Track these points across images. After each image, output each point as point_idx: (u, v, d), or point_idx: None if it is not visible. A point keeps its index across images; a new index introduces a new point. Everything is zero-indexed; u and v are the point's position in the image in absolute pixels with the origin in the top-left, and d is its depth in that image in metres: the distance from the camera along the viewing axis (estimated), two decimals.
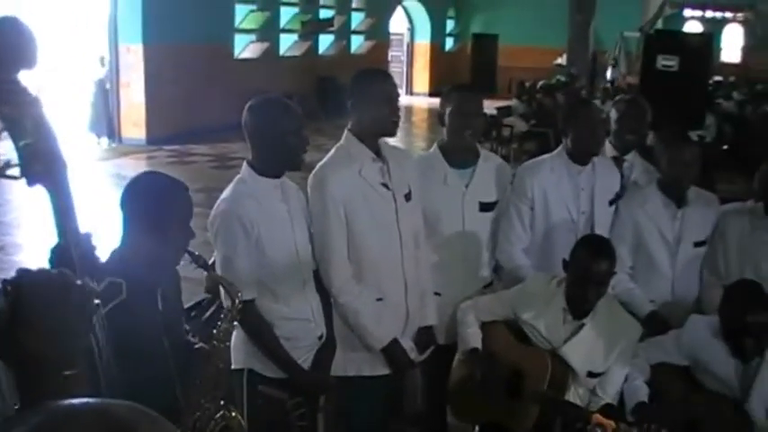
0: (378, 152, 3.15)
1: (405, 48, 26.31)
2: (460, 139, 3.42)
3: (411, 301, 3.24)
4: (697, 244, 3.56)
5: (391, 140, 3.25)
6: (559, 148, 3.62)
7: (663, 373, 3.16)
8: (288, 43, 18.53)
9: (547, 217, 3.53)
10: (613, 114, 3.88)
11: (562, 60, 22.29)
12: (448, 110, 3.41)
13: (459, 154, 3.48)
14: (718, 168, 10.57)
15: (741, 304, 2.85)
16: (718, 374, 2.98)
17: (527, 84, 16.23)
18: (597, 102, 4.08)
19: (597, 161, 3.56)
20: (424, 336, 3.34)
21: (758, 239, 3.44)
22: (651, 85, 7.11)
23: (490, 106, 15.72)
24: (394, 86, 3.13)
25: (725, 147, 11.45)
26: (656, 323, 3.42)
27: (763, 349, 2.87)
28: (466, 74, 23.48)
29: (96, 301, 1.32)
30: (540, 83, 16.68)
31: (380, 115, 3.05)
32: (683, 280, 3.56)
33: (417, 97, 24.54)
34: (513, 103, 14.12)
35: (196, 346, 2.44)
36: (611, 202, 3.62)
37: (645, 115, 3.95)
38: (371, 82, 3.10)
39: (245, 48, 16.79)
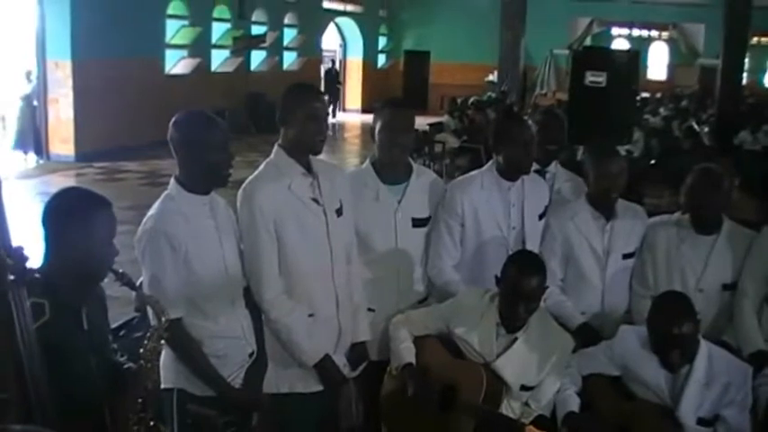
0: (308, 167, 3.13)
1: (338, 65, 26.36)
2: (391, 155, 3.42)
3: (343, 316, 3.22)
4: (626, 256, 3.63)
5: (323, 156, 3.24)
6: (489, 164, 3.65)
7: (594, 384, 3.20)
8: (220, 59, 18.36)
9: (478, 233, 3.56)
10: (532, 128, 3.92)
11: (493, 77, 22.60)
12: (379, 125, 3.41)
13: (391, 170, 3.48)
14: (645, 182, 10.89)
15: (668, 316, 2.89)
16: (649, 384, 3.03)
17: (458, 100, 16.41)
18: (527, 117, 4.18)
19: (527, 177, 3.60)
20: (357, 352, 3.32)
21: (685, 251, 3.52)
22: (580, 101, 7.24)
23: (422, 122, 15.91)
24: (322, 104, 3.12)
25: (652, 161, 11.79)
26: (587, 334, 3.47)
27: (691, 358, 2.93)
28: (398, 90, 23.68)
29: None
30: (472, 99, 16.91)
31: (307, 132, 3.04)
32: (613, 291, 3.63)
33: (350, 114, 24.58)
34: (444, 119, 14.26)
35: (125, 366, 2.40)
36: (540, 216, 3.67)
37: (562, 125, 4.07)
38: (299, 98, 3.08)
39: (177, 63, 16.56)
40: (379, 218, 3.45)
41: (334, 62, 23.46)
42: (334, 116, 22.23)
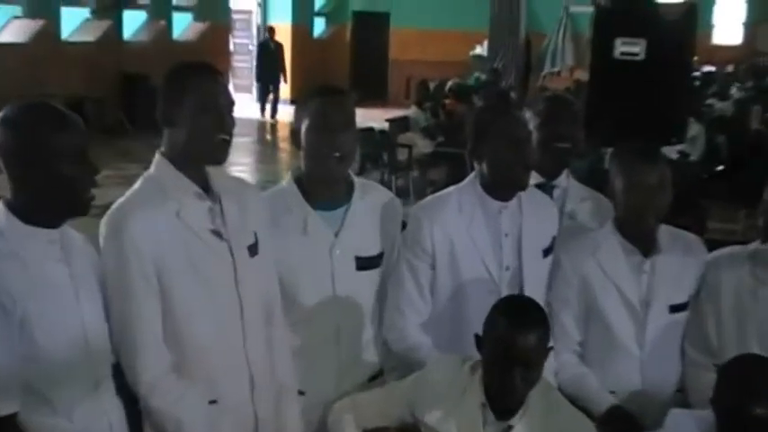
0: (206, 186, 3.17)
1: (255, 33, 26.42)
2: (323, 167, 3.47)
3: (261, 403, 3.25)
4: (674, 308, 3.73)
5: (235, 169, 3.28)
6: (470, 177, 3.74)
7: None
8: (75, 22, 18.29)
9: (455, 277, 3.64)
10: (531, 122, 3.99)
11: (482, 50, 22.91)
12: (305, 125, 3.48)
13: (323, 188, 3.54)
14: (709, 198, 11.09)
15: (745, 388, 2.94)
16: None
17: (432, 84, 16.57)
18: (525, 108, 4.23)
19: (524, 194, 3.70)
20: None
21: (765, 299, 3.59)
22: (606, 82, 7.25)
23: (379, 117, 16.03)
24: (223, 88, 3.17)
25: (719, 167, 12.01)
26: (619, 422, 3.55)
27: None
28: (344, 69, 23.82)
29: None
30: (451, 83, 17.09)
31: (200, 132, 3.08)
32: (657, 360, 3.72)
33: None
34: (411, 112, 14.39)
35: None
36: (546, 252, 3.77)
37: (576, 117, 4.21)
38: (188, 83, 3.12)
39: (5, 26, 16.41)
40: (308, 258, 3.50)
41: (271, 30, 23.27)
42: (273, 115, 22.16)
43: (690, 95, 8.99)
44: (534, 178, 3.94)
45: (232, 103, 3.17)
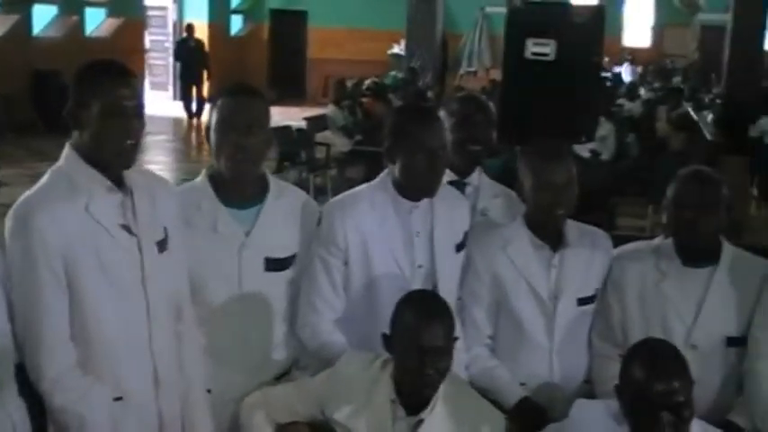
0: (118, 180, 3.15)
1: (171, 30, 26.18)
2: (234, 165, 3.46)
3: (166, 401, 3.23)
4: (582, 301, 3.80)
5: (151, 167, 3.26)
6: (382, 175, 3.75)
7: None
8: None
9: (368, 274, 3.66)
10: (446, 122, 4.02)
11: (400, 49, 22.99)
12: (214, 123, 3.47)
13: (236, 187, 3.53)
14: (618, 195, 11.28)
15: (647, 367, 3.00)
16: None
17: (349, 83, 16.60)
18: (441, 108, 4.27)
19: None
20: None
21: (669, 291, 3.68)
22: (518, 82, 7.34)
23: (297, 116, 16.01)
24: (131, 91, 3.12)
25: (629, 166, 12.22)
26: (529, 413, 3.61)
27: None
28: (262, 69, 23.71)
29: None
30: (368, 81, 17.12)
31: (106, 136, 3.05)
32: (566, 352, 3.79)
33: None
34: (329, 110, 14.39)
35: None
36: (458, 248, 3.81)
37: (489, 118, 4.25)
38: (96, 84, 3.08)
39: None
40: (216, 256, 3.49)
41: (190, 28, 22.91)
42: (198, 114, 21.70)
43: (599, 95, 9.11)
44: (447, 176, 3.97)
45: (141, 105, 3.13)
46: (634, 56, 27.64)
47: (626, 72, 25.60)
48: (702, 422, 3.15)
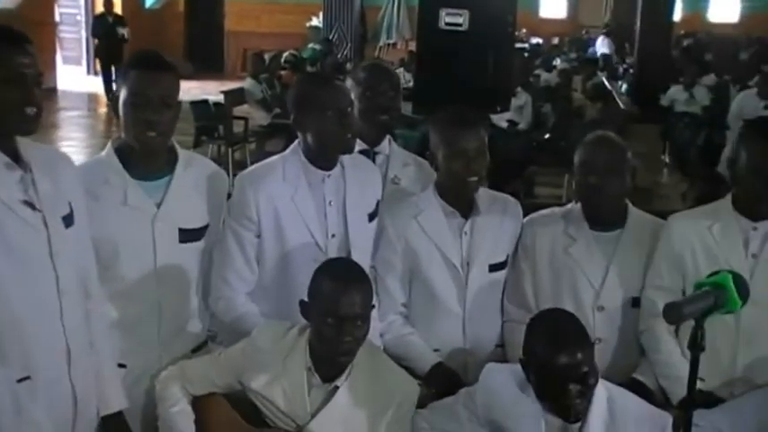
0: (15, 155, 3.08)
1: (82, 2, 25.67)
2: (146, 140, 3.42)
3: (78, 377, 3.18)
4: (494, 267, 3.87)
5: (66, 144, 3.21)
6: (293, 146, 3.76)
7: None
8: None
9: (281, 245, 3.67)
10: (353, 91, 4.03)
11: (318, 22, 22.91)
12: (122, 96, 3.43)
13: (144, 159, 3.50)
14: (536, 164, 11.38)
15: (550, 339, 3.07)
16: None
17: (267, 56, 16.50)
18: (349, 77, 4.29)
19: (347, 161, 3.74)
20: (111, 429, 3.34)
21: (577, 255, 3.77)
22: (433, 52, 7.40)
23: (215, 90, 15.86)
24: (29, 58, 3.01)
25: (546, 135, 12.35)
26: (442, 378, 3.67)
27: (587, 406, 3.11)
28: (179, 43, 23.45)
29: None
30: (286, 54, 17.04)
31: (7, 104, 2.95)
32: (478, 317, 3.86)
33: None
34: (247, 84, 14.29)
35: None
36: (371, 217, 3.84)
37: (396, 86, 4.25)
38: None
39: None
40: (129, 230, 3.46)
41: (109, 3, 22.31)
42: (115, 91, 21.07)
43: (514, 65, 9.19)
44: (357, 145, 4.00)
45: (39, 74, 3.05)
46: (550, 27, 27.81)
47: (601, 45, 25.55)
48: (607, 383, 3.22)
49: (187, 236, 3.57)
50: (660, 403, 3.48)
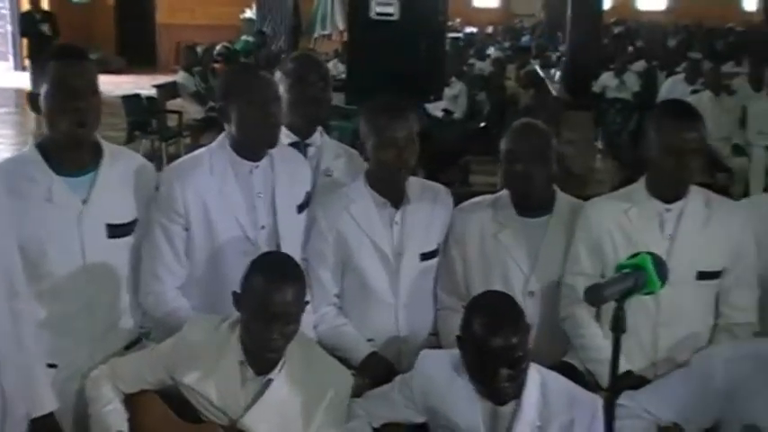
0: None
1: None
2: (73, 131, 3.37)
3: (7, 380, 3.16)
4: (426, 255, 3.89)
5: None
6: (220, 137, 3.75)
7: None
8: None
9: (211, 238, 3.66)
10: (282, 83, 4.05)
11: (252, 14, 22.80)
12: (47, 88, 3.38)
13: (70, 154, 3.46)
14: (471, 153, 11.42)
15: (486, 321, 3.10)
16: (462, 427, 3.23)
17: (200, 49, 16.40)
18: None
19: (276, 152, 3.74)
20: (41, 430, 3.29)
21: (506, 241, 3.82)
22: (364, 42, 7.39)
23: (148, 84, 15.72)
24: None
25: (481, 124, 12.41)
26: (376, 368, 3.69)
27: (520, 388, 3.17)
28: (109, 37, 23.18)
29: None
30: (219, 47, 16.94)
31: None
32: (411, 306, 3.88)
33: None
34: (180, 77, 14.19)
35: None
36: (301, 208, 3.84)
37: (326, 77, 4.24)
38: None
39: None
40: (55, 227, 3.42)
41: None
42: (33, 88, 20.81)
43: (445, 55, 9.22)
44: (288, 137, 4.01)
45: None
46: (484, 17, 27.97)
47: None
48: (540, 367, 3.27)
49: (115, 231, 3.54)
50: (591, 385, 3.55)
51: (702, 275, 3.61)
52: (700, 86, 11.92)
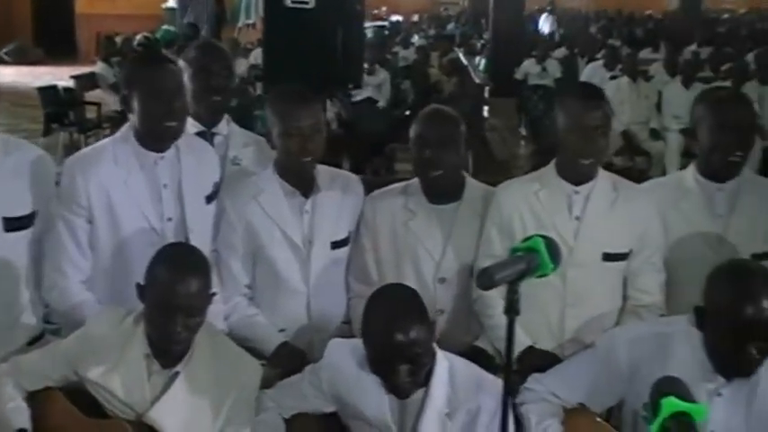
0: None
1: None
2: None
3: None
4: (336, 244, 3.89)
5: None
6: (124, 128, 3.72)
7: (299, 429, 3.38)
8: None
9: (115, 230, 3.61)
10: (185, 72, 4.01)
11: (174, 2, 22.61)
12: None
13: None
14: (396, 141, 11.41)
15: (387, 317, 3.08)
16: (371, 419, 3.23)
17: (119, 39, 16.24)
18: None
19: (182, 142, 3.71)
20: None
21: (417, 228, 3.83)
22: (280, 31, 7.32)
23: (67, 75, 15.50)
24: None
25: (407, 112, 12.42)
26: (287, 358, 3.68)
27: (426, 379, 3.16)
28: (26, 26, 22.82)
29: None
30: (139, 37, 16.78)
31: None
32: (323, 295, 3.87)
33: None
34: (98, 68, 14.04)
35: None
36: (209, 199, 3.81)
37: (229, 65, 4.23)
38: None
39: None
40: None
41: None
42: None
43: (363, 42, 9.19)
44: (194, 127, 3.98)
45: None
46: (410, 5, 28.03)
47: (544, 22, 25.62)
48: (448, 353, 3.27)
49: (12, 224, 3.50)
50: (502, 367, 3.55)
51: (608, 257, 3.67)
52: (618, 72, 12.07)
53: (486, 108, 13.63)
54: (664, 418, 2.41)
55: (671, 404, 2.41)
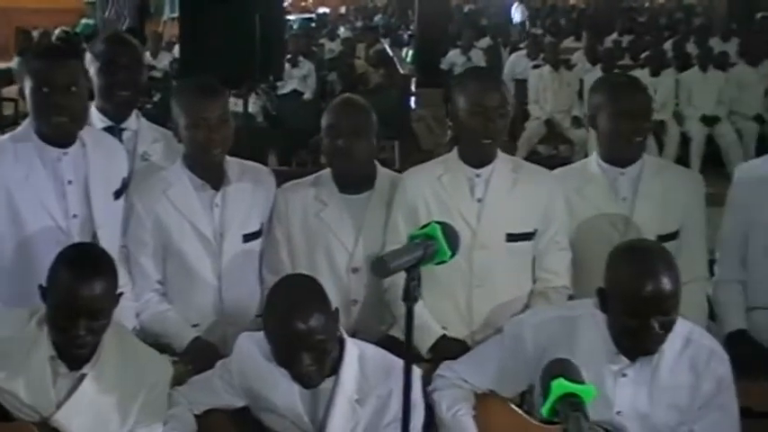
0: None
1: None
2: None
3: None
4: (249, 237, 3.87)
5: None
6: (24, 123, 3.67)
7: (211, 427, 3.37)
8: None
9: (19, 228, 3.56)
10: (92, 66, 3.98)
11: None
12: None
13: None
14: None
15: (286, 309, 3.08)
16: (282, 409, 3.23)
17: (35, 33, 16.00)
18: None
19: (87, 138, 3.66)
20: None
21: (329, 219, 3.83)
22: (197, 22, 7.19)
23: None
24: None
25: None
26: (200, 354, 3.65)
27: (334, 366, 3.17)
28: None
29: None
30: (58, 31, 16.55)
31: None
32: (235, 288, 3.86)
33: None
34: (14, 63, 13.86)
35: None
36: (117, 194, 3.77)
37: (138, 58, 4.17)
38: None
39: None
40: None
41: None
42: None
43: (283, 34, 9.13)
44: (101, 121, 3.94)
45: None
46: None
47: (516, 12, 25.57)
48: (356, 340, 3.30)
49: None
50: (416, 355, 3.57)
51: (512, 237, 3.71)
52: (541, 62, 12.17)
53: (412, 99, 13.62)
54: (554, 400, 2.42)
55: (560, 386, 2.42)
